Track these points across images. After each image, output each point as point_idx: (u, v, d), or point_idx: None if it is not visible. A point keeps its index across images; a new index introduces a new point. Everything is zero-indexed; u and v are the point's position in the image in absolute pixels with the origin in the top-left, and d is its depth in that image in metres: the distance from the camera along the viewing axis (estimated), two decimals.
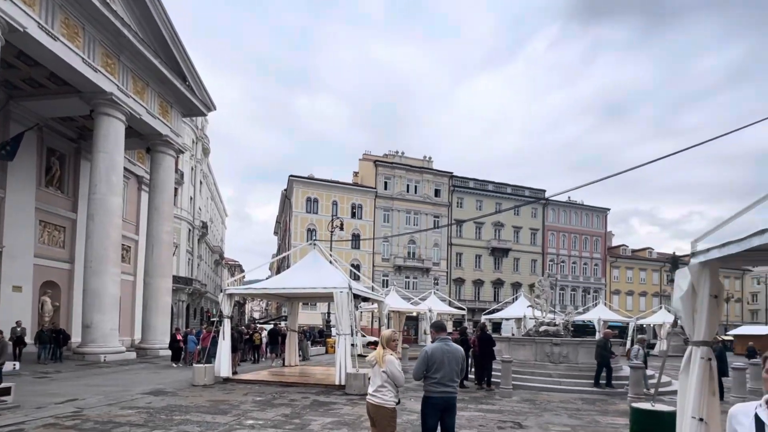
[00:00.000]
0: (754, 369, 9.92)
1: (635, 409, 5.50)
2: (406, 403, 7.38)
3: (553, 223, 44.61)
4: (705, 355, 4.85)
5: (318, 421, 6.28)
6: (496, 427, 6.19)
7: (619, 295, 45.31)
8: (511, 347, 11.63)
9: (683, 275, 5.02)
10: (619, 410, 7.42)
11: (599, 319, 23.37)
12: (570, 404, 7.99)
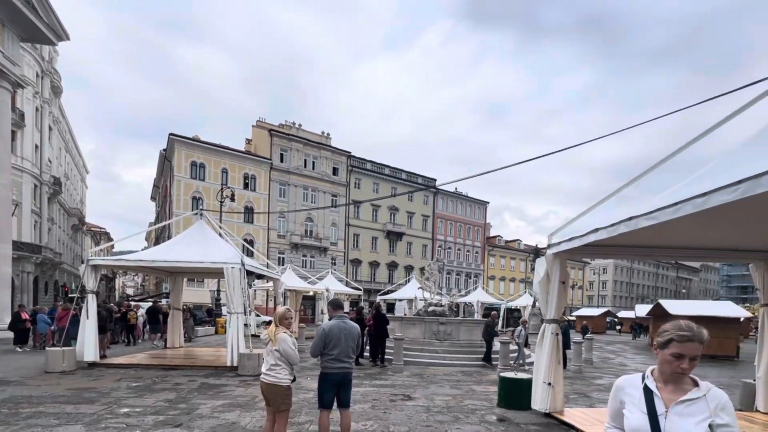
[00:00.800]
0: (588, 343, 12.63)
1: (502, 378, 6.67)
2: (302, 381, 7.51)
3: (442, 211, 48.56)
4: (554, 331, 6.06)
5: (207, 405, 6.00)
6: (389, 400, 6.75)
7: (494, 280, 52.38)
8: (403, 326, 12.61)
9: (541, 264, 6.14)
10: (490, 380, 8.74)
11: (478, 301, 26.75)
12: (452, 377, 9.11)
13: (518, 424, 5.52)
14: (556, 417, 5.81)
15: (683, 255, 6.62)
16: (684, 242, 5.89)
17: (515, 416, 5.93)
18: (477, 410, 6.22)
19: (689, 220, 3.78)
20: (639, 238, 5.34)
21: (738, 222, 4.66)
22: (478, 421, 5.61)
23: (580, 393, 7.91)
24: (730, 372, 11.93)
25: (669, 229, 4.60)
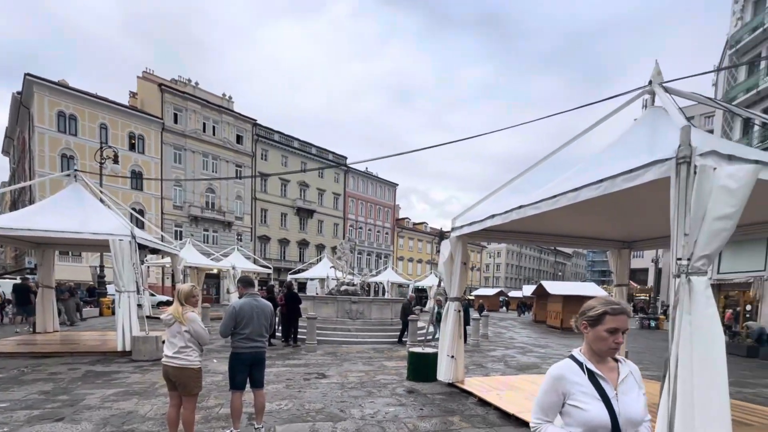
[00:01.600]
0: (484, 319, 14.21)
1: (411, 353, 7.25)
2: (208, 364, 7.21)
3: (353, 190, 48.96)
4: (457, 308, 6.80)
5: (96, 394, 5.43)
6: (303, 379, 6.87)
7: (403, 261, 55.04)
8: (316, 305, 12.73)
9: (446, 246, 6.80)
10: (401, 356, 9.38)
11: (388, 281, 28.02)
12: (364, 354, 9.56)
13: (425, 395, 6.09)
14: (457, 386, 6.55)
15: (560, 242, 7.88)
16: (561, 230, 7.07)
17: (423, 388, 6.52)
18: (388, 384, 6.68)
19: (565, 211, 4.59)
20: (527, 225, 6.28)
21: (599, 215, 5.80)
22: (390, 394, 6.05)
23: (478, 364, 8.97)
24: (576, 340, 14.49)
25: (549, 218, 5.55)
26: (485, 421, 4.94)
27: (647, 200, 4.93)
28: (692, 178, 2.95)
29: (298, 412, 5.04)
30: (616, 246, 7.88)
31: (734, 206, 2.84)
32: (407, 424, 4.71)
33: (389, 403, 5.60)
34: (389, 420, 4.86)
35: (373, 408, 5.31)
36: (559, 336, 16.41)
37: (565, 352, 11.36)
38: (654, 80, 4.49)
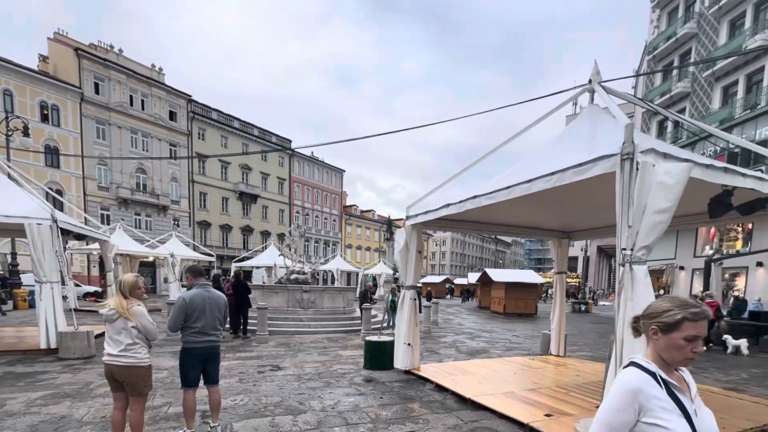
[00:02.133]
0: (434, 306, 14.69)
1: (367, 342, 7.33)
2: (153, 360, 6.75)
3: (298, 175, 47.52)
4: (412, 296, 6.99)
5: (19, 399, 4.88)
6: (257, 371, 6.68)
7: (352, 249, 55.06)
8: (265, 295, 12.37)
9: (401, 234, 6.93)
10: (355, 344, 9.45)
11: (338, 269, 27.91)
12: (319, 344, 9.49)
13: (384, 383, 6.20)
14: (414, 373, 6.74)
15: (507, 231, 8.36)
16: (508, 220, 7.53)
17: (380, 376, 6.64)
18: (346, 374, 6.71)
19: (515, 201, 4.89)
20: (478, 215, 6.63)
21: (544, 207, 6.27)
22: (348, 384, 6.08)
23: (431, 351, 9.29)
24: (532, 326, 15.63)
25: (499, 208, 5.91)
26: (443, 406, 5.14)
27: (585, 194, 5.37)
28: (635, 174, 3.21)
29: (256, 407, 4.91)
30: (556, 236, 8.49)
31: (670, 201, 3.11)
32: (368, 413, 4.78)
33: (348, 392, 5.63)
34: (350, 410, 4.89)
35: (333, 398, 5.31)
36: (503, 321, 17.46)
37: (510, 336, 12.16)
38: (594, 79, 4.87)
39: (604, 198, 5.43)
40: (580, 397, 5.38)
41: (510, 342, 10.99)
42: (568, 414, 4.68)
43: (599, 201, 5.76)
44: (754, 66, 18.38)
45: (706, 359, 9.27)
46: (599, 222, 7.56)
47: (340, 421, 4.52)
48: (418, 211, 6.58)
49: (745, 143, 5.43)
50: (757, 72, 18.35)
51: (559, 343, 8.52)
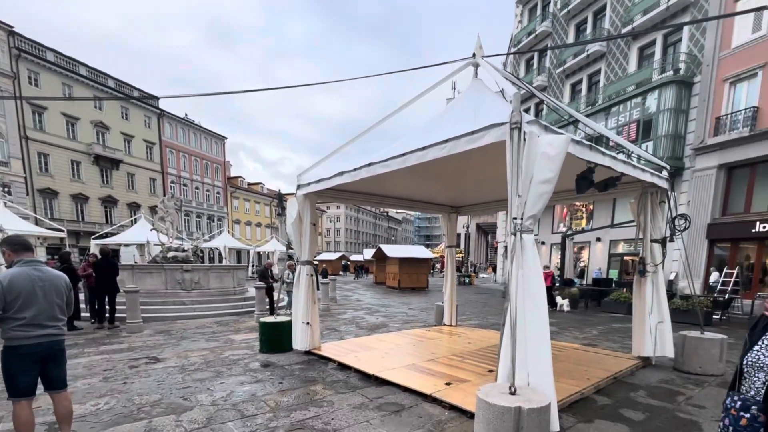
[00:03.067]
0: (331, 283, 14.58)
1: (262, 324, 6.84)
2: None
3: (171, 139, 41.84)
4: (309, 272, 6.69)
5: None
6: (128, 366, 5.74)
7: (240, 225, 51.40)
8: (137, 276, 10.74)
9: (293, 204, 6.55)
10: (249, 327, 8.81)
11: (225, 246, 25.81)
12: (206, 328, 8.60)
13: (283, 366, 5.86)
14: (315, 353, 6.53)
15: (400, 204, 8.45)
16: (401, 194, 7.73)
17: (279, 359, 6.26)
18: (240, 360, 6.17)
19: (410, 173, 4.98)
20: (372, 186, 6.62)
21: (434, 180, 6.53)
22: (243, 371, 5.59)
23: (331, 328, 9.16)
24: (425, 299, 16.68)
25: (393, 180, 6.04)
26: (347, 385, 5.04)
27: (474, 168, 5.68)
28: (523, 144, 3.36)
29: (126, 410, 4.16)
30: (446, 210, 8.98)
31: (553, 171, 3.31)
32: (267, 402, 4.42)
33: (243, 381, 5.16)
34: (246, 400, 4.47)
35: (225, 389, 4.80)
36: (398, 295, 18.27)
37: (406, 309, 12.72)
38: (477, 53, 5.06)
39: (491, 173, 5.83)
40: (474, 364, 5.81)
41: (407, 315, 11.50)
42: (465, 380, 4.98)
43: (486, 176, 6.17)
44: (593, 68, 21.21)
45: (555, 319, 10.95)
46: (485, 197, 8.14)
47: (235, 414, 4.08)
48: (310, 180, 6.23)
49: (604, 130, 6.20)
50: (595, 74, 21.28)
51: (452, 313, 9.15)
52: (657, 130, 16.63)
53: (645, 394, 4.73)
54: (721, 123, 14.93)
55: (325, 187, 5.96)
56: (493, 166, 5.38)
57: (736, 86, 14.82)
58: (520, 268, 3.47)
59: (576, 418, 4.03)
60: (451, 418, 4.00)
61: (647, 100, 17.17)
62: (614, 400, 4.54)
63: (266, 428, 3.74)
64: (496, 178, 6.17)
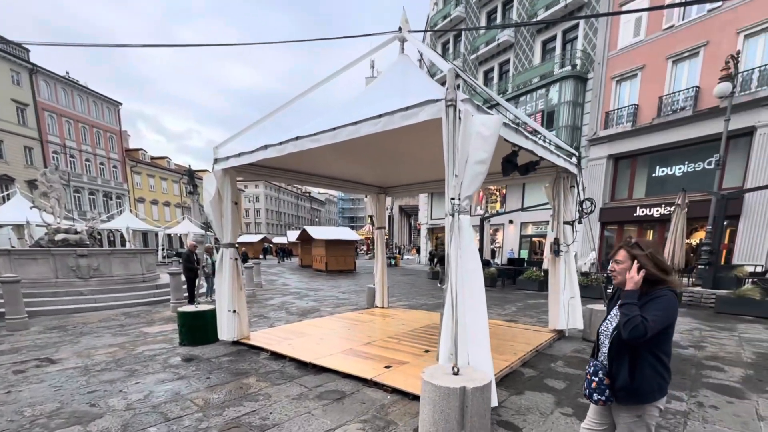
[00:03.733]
0: (255, 267, 13.86)
1: (182, 313, 6.26)
2: None
3: (50, 102, 35.20)
4: (232, 256, 6.26)
5: None
6: (13, 372, 4.87)
7: (145, 203, 46.20)
8: (16, 263, 9.12)
9: (210, 181, 5.95)
10: (164, 317, 8.01)
11: (128, 228, 23.09)
12: (113, 321, 7.62)
13: (209, 359, 5.43)
14: (244, 343, 6.16)
15: (327, 183, 7.99)
16: (328, 172, 7.44)
17: (203, 352, 5.80)
18: (157, 355, 5.59)
19: (338, 150, 4.81)
20: (297, 163, 6.31)
21: (365, 158, 6.39)
22: (162, 368, 5.07)
23: (260, 315, 8.72)
24: (354, 281, 16.69)
25: (319, 157, 5.87)
26: (283, 375, 4.83)
27: (404, 148, 5.68)
28: (458, 123, 3.35)
29: (15, 425, 3.52)
30: (374, 191, 8.93)
31: (487, 152, 3.34)
32: (195, 401, 4.05)
33: (164, 379, 4.67)
34: (169, 400, 4.05)
35: (142, 390, 4.30)
36: (326, 278, 18.05)
37: (336, 293, 12.61)
38: (403, 27, 4.98)
39: (420, 154, 5.90)
40: (410, 345, 5.93)
41: (337, 299, 11.41)
42: (404, 362, 5.07)
43: (415, 157, 6.20)
44: (503, 57, 22.41)
45: None
46: (414, 178, 8.19)
47: (157, 417, 3.67)
48: (229, 154, 5.68)
49: (523, 116, 6.36)
50: (505, 63, 22.52)
51: (383, 295, 9.26)
52: (559, 120, 18.23)
53: (563, 364, 5.24)
54: (609, 117, 16.91)
55: (246, 161, 5.43)
56: (423, 145, 5.41)
57: (621, 84, 16.81)
58: (458, 249, 3.48)
59: (508, 392, 4.31)
60: (393, 402, 4.03)
61: (550, 92, 18.67)
62: (538, 371, 4.96)
63: (196, 430, 3.42)
64: (425, 159, 6.26)
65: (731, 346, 6.15)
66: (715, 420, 3.60)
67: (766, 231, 13.24)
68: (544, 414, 3.74)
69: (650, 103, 15.78)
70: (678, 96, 14.99)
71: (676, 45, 15.03)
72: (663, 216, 15.68)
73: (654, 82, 15.67)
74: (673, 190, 15.25)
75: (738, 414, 3.73)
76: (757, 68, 13.16)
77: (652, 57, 15.66)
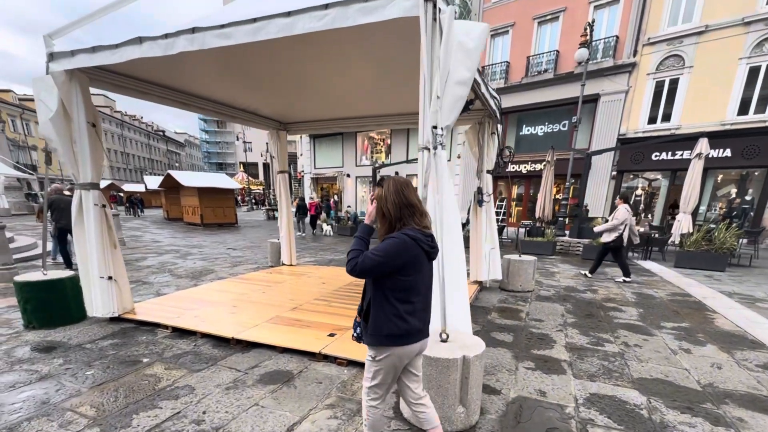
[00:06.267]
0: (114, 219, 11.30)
1: (20, 284, 4.63)
2: None
3: None
4: (97, 201, 4.70)
5: None
6: None
7: None
8: None
9: (46, 88, 4.18)
10: None
11: None
12: None
13: (81, 346, 4.08)
14: (129, 319, 4.85)
15: (216, 110, 6.34)
16: (223, 97, 6.03)
17: (68, 336, 4.36)
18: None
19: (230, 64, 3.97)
20: (178, 76, 4.90)
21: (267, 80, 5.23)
22: (6, 365, 3.61)
23: (137, 281, 7.05)
24: (241, 236, 15.01)
25: (211, 75, 4.83)
26: (200, 357, 3.88)
27: (312, 74, 4.90)
28: (437, 26, 2.72)
29: None
30: (273, 126, 7.77)
31: (470, 69, 2.80)
32: (79, 410, 2.93)
33: (15, 382, 3.32)
34: (37, 415, 2.85)
35: None
36: (205, 233, 15.93)
37: (224, 250, 11.12)
38: None
39: (332, 82, 5.14)
40: (344, 306, 5.40)
41: (230, 257, 10.04)
42: (346, 327, 4.56)
43: (327, 85, 5.36)
44: None
45: None
46: (319, 113, 7.28)
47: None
48: (78, 46, 3.96)
49: None
50: None
51: (291, 251, 8.42)
52: None
53: (498, 316, 5.40)
54: (484, 73, 18.09)
55: (111, 60, 3.74)
56: (339, 71, 4.67)
57: (494, 39, 17.98)
58: (437, 193, 2.91)
59: None
60: (354, 376, 3.53)
61: None
62: (480, 326, 5.00)
63: None
64: (336, 90, 5.46)
65: (614, 288, 7.22)
66: (645, 358, 4.04)
67: (604, 186, 16.09)
68: (512, 371, 3.71)
69: (520, 62, 17.20)
70: (542, 58, 16.63)
71: (540, 6, 16.43)
72: (530, 172, 17.79)
73: (523, 41, 17.03)
74: (537, 148, 17.32)
75: (657, 350, 4.27)
76: (602, 40, 15.27)
77: (521, 16, 16.93)
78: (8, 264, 6.51)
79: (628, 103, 15.24)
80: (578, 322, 5.19)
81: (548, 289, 7.04)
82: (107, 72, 4.45)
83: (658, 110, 14.79)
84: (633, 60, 14.74)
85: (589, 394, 3.29)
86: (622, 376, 3.62)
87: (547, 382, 3.48)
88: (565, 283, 7.49)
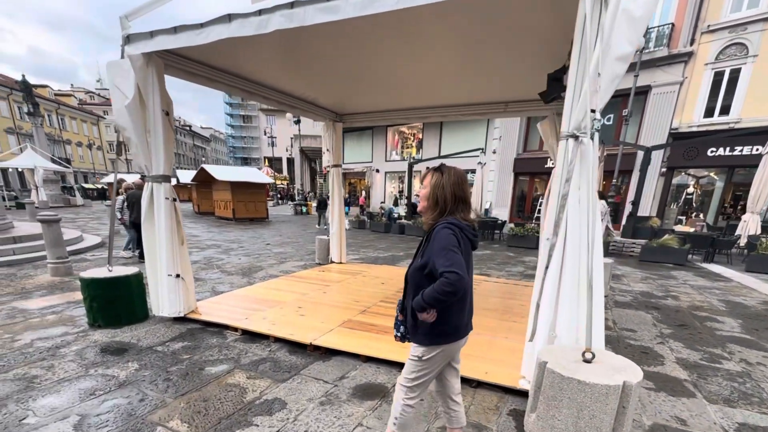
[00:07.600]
0: None
1: (90, 281, 4.32)
2: None
3: None
4: (168, 194, 4.29)
5: None
6: None
7: None
8: None
9: (122, 73, 3.78)
10: (43, 284, 5.70)
11: None
12: None
13: (152, 348, 3.83)
14: (193, 319, 4.60)
15: (279, 100, 6.00)
16: (285, 87, 5.67)
17: (136, 336, 4.13)
18: (60, 348, 3.77)
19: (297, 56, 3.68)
20: (246, 66, 4.57)
21: (327, 72, 4.94)
22: (82, 368, 3.38)
23: None
24: (275, 231, 14.81)
25: (275, 63, 4.50)
26: (279, 365, 3.57)
27: (378, 62, 4.52)
28: None
29: None
30: (329, 117, 7.41)
31: (632, 44, 2.29)
32: (170, 425, 2.64)
33: (93, 389, 3.06)
34: (126, 428, 2.57)
35: (65, 415, 2.70)
36: (239, 228, 15.80)
37: (262, 245, 10.91)
38: None
39: (392, 70, 4.74)
40: None
41: (273, 252, 9.79)
42: None
43: (382, 75, 4.98)
44: None
45: None
46: (376, 105, 6.93)
47: None
48: (156, 29, 3.55)
49: None
50: None
51: (341, 248, 8.11)
52: None
53: None
54: None
55: (191, 43, 3.38)
56: (405, 57, 4.26)
57: None
58: (577, 189, 2.47)
59: None
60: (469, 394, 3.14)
61: None
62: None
63: None
64: (397, 78, 5.08)
65: (694, 294, 6.65)
66: None
67: (653, 184, 15.24)
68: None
69: None
70: None
71: None
72: None
73: None
74: None
75: None
76: (655, 28, 14.37)
77: None
78: (63, 258, 6.39)
79: (682, 95, 14.36)
80: (675, 333, 4.70)
81: (623, 294, 6.52)
82: (179, 57, 4.17)
83: (716, 102, 13.88)
84: (690, 49, 13.85)
85: (737, 423, 2.84)
86: (763, 402, 3.15)
87: (679, 407, 3.04)
88: (638, 288, 6.96)
